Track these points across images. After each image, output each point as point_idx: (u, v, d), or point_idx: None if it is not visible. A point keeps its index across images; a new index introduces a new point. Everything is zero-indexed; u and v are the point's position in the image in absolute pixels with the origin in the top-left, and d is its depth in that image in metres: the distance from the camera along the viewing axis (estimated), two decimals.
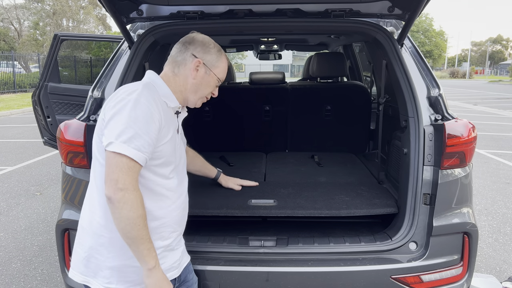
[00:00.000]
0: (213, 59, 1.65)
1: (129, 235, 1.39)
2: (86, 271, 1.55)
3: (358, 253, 2.08)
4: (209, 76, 1.65)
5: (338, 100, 3.70)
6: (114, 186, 1.36)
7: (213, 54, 1.65)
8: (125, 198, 1.36)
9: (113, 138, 1.38)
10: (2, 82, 21.27)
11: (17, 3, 35.42)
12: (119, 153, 1.36)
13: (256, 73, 3.94)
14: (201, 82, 1.64)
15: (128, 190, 1.37)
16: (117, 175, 1.36)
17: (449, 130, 2.02)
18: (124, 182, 1.36)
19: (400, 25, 2.57)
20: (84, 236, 1.56)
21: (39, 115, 4.98)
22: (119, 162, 1.37)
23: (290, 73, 54.53)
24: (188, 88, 1.63)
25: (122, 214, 1.37)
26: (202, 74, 1.63)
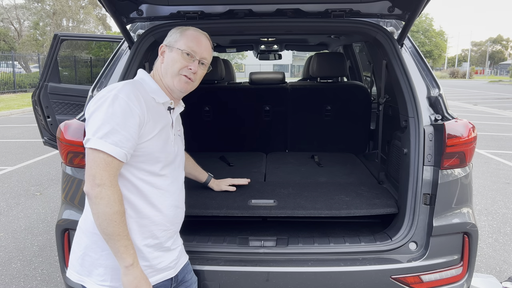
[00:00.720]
0: (174, 38, 1.64)
1: (105, 231, 1.39)
2: (81, 270, 1.55)
3: (358, 253, 2.08)
4: (172, 52, 1.62)
5: (338, 100, 3.70)
6: (91, 181, 1.37)
7: (174, 33, 1.66)
8: (102, 193, 1.36)
9: (90, 134, 1.39)
10: (2, 82, 21.27)
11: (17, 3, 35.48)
12: (95, 149, 1.37)
13: (256, 73, 3.95)
14: (167, 62, 1.62)
15: (105, 185, 1.37)
16: (94, 170, 1.37)
17: (449, 130, 2.02)
18: (101, 178, 1.37)
19: (400, 25, 2.57)
20: (80, 235, 1.58)
21: (39, 115, 4.98)
22: (96, 158, 1.38)
23: (290, 73, 54.54)
24: (162, 74, 1.63)
25: (99, 210, 1.38)
26: (167, 54, 1.63)
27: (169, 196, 1.62)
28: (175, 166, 1.67)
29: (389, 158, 2.86)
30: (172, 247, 1.69)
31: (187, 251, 1.90)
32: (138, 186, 1.52)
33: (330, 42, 5.06)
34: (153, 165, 1.54)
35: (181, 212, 1.74)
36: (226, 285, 2.00)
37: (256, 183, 2.73)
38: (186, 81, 1.62)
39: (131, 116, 1.43)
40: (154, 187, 1.56)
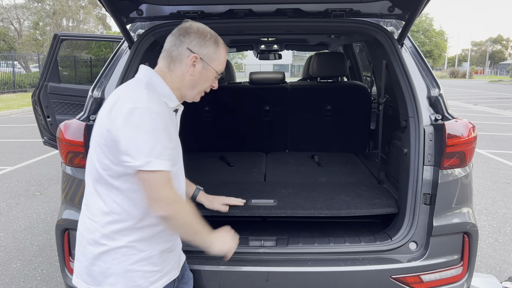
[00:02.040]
0: (210, 52, 1.52)
1: (191, 232, 1.48)
2: (90, 280, 1.49)
3: (358, 253, 2.08)
4: (207, 70, 1.54)
5: (338, 100, 3.70)
6: (164, 204, 1.37)
7: (210, 46, 1.52)
8: (178, 208, 1.40)
9: (145, 156, 1.32)
10: (2, 82, 21.27)
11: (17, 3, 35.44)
12: (157, 170, 1.33)
13: (256, 73, 3.94)
14: (199, 78, 1.53)
15: (175, 201, 1.40)
16: (162, 193, 1.36)
17: (449, 130, 2.02)
18: (170, 197, 1.38)
19: (400, 25, 2.57)
20: (84, 244, 1.51)
21: (39, 115, 4.98)
22: (159, 179, 1.35)
23: (290, 73, 54.52)
24: (186, 84, 1.53)
25: (182, 223, 1.44)
26: (200, 69, 1.52)
27: None
28: (179, 166, 1.64)
29: (389, 158, 2.86)
30: (176, 247, 1.68)
31: (187, 251, 1.89)
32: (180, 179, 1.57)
33: (330, 42, 5.06)
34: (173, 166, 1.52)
35: None
36: (226, 285, 2.00)
37: (256, 183, 2.72)
38: (202, 95, 1.63)
39: (167, 128, 1.41)
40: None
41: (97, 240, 1.47)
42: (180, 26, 1.55)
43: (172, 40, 1.53)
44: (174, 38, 1.53)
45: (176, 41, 1.52)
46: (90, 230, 1.49)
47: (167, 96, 1.50)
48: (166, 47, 1.54)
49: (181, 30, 1.53)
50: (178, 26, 1.56)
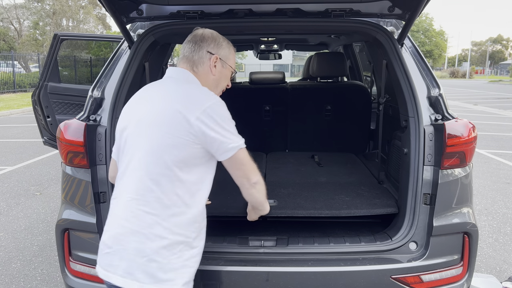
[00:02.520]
0: (226, 52, 1.71)
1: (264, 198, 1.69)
2: (145, 278, 1.47)
3: (358, 253, 2.08)
4: (225, 69, 1.72)
5: (338, 100, 3.70)
6: (256, 171, 1.61)
7: (225, 47, 1.71)
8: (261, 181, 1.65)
9: (236, 138, 1.55)
10: (2, 82, 21.27)
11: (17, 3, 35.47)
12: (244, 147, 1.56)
13: (256, 72, 3.94)
14: (220, 77, 1.71)
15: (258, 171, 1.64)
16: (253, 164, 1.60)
17: (449, 130, 2.02)
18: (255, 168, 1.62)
19: (400, 25, 2.56)
20: (140, 240, 1.48)
21: (39, 115, 4.98)
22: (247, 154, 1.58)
23: (290, 73, 54.52)
24: (210, 84, 1.68)
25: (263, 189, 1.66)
26: (220, 68, 1.69)
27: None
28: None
29: (389, 158, 2.86)
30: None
31: None
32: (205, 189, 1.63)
33: (330, 41, 5.05)
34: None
35: None
36: (226, 285, 2.00)
37: None
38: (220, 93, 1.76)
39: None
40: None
41: (157, 234, 1.48)
42: (193, 34, 1.71)
43: (190, 47, 1.68)
44: (192, 44, 1.68)
45: (194, 47, 1.67)
46: (149, 225, 1.48)
47: None
48: (185, 54, 1.68)
49: (197, 37, 1.69)
50: (191, 34, 1.71)
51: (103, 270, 1.55)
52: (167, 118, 1.49)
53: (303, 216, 2.29)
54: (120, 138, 1.63)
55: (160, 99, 1.56)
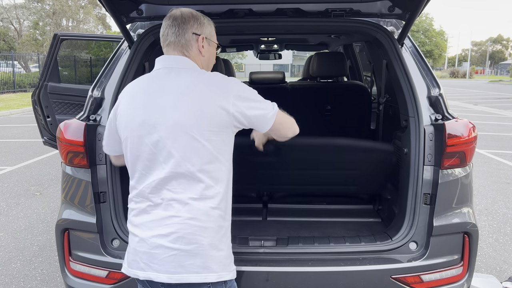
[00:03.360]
0: (209, 30, 1.68)
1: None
2: (218, 268, 1.52)
3: (358, 253, 2.08)
4: (212, 47, 1.70)
5: (338, 100, 3.70)
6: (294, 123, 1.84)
7: (207, 25, 1.68)
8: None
9: (269, 105, 1.63)
10: (2, 82, 21.27)
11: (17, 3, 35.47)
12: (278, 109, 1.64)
13: (256, 72, 3.94)
14: (209, 56, 1.70)
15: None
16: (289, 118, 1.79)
17: (449, 130, 2.01)
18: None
19: (401, 25, 2.56)
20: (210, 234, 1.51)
21: (39, 115, 4.97)
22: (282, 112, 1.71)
23: (290, 73, 54.51)
24: (200, 65, 1.66)
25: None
26: (207, 47, 1.67)
27: None
28: None
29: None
30: None
31: None
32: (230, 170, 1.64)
33: (330, 41, 5.05)
34: None
35: None
36: None
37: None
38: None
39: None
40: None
41: (218, 223, 1.54)
42: (172, 17, 1.62)
43: (174, 31, 1.61)
44: (175, 28, 1.61)
45: (178, 31, 1.60)
46: (215, 218, 1.53)
47: None
48: (171, 40, 1.61)
49: (177, 19, 1.61)
50: (170, 17, 1.63)
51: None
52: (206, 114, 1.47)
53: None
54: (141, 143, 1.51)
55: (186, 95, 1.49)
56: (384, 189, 2.71)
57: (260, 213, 2.75)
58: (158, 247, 1.48)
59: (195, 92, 1.49)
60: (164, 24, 1.63)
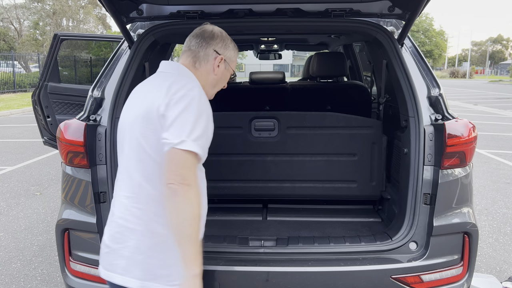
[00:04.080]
0: (231, 54, 1.70)
1: (184, 232, 1.37)
2: (144, 275, 1.46)
3: (358, 253, 2.08)
4: (227, 71, 1.70)
5: (338, 100, 3.69)
6: (180, 180, 1.35)
7: (231, 49, 1.70)
8: (190, 193, 1.36)
9: (184, 136, 1.37)
10: (2, 82, 21.26)
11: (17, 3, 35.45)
12: (189, 150, 1.37)
13: (256, 72, 3.94)
14: (221, 77, 1.68)
15: (192, 186, 1.37)
16: (184, 171, 1.37)
17: (449, 130, 2.02)
18: (191, 179, 1.38)
19: (401, 25, 2.57)
20: (136, 237, 1.48)
21: (39, 115, 4.98)
22: (187, 159, 1.37)
23: (290, 73, 54.51)
24: (209, 83, 1.65)
25: (184, 209, 1.35)
26: (222, 69, 1.67)
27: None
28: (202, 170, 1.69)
29: (389, 158, 2.86)
30: None
31: None
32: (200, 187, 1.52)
33: (330, 41, 5.05)
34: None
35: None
36: (226, 285, 2.00)
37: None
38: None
39: (211, 120, 1.50)
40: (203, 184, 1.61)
41: (153, 230, 1.47)
42: (203, 29, 1.67)
43: (198, 42, 1.64)
44: (200, 40, 1.64)
45: (202, 43, 1.63)
46: (145, 222, 1.48)
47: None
48: (192, 48, 1.64)
49: (206, 33, 1.65)
50: (200, 29, 1.67)
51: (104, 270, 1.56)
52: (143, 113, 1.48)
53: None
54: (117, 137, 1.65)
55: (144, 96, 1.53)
56: (383, 189, 2.71)
57: (260, 213, 2.76)
58: (102, 243, 1.58)
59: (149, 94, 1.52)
60: (193, 32, 1.68)
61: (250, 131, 2.54)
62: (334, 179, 2.68)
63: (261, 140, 2.55)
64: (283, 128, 2.54)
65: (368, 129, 2.54)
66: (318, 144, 2.59)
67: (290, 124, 2.53)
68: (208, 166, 2.55)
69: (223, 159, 2.60)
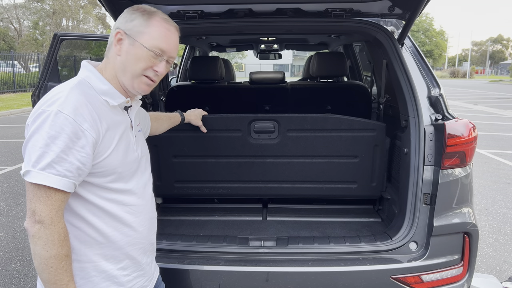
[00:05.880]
0: (136, 25, 1.30)
1: (41, 276, 1.24)
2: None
3: (358, 253, 2.08)
4: (134, 47, 1.29)
5: (338, 100, 3.69)
6: (31, 217, 1.17)
7: (136, 19, 1.31)
8: (40, 233, 1.17)
9: (29, 165, 1.16)
10: (2, 82, 21.26)
11: (17, 3, 35.41)
12: (36, 184, 1.15)
13: (256, 72, 3.94)
14: (127, 57, 1.30)
15: (44, 223, 1.17)
16: (34, 205, 1.17)
17: (449, 130, 2.01)
18: (41, 214, 1.16)
19: (401, 25, 2.56)
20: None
21: None
22: (37, 191, 1.16)
23: (290, 73, 54.53)
24: (117, 69, 1.32)
25: (35, 251, 1.19)
26: (127, 46, 1.30)
27: (142, 210, 1.42)
28: (141, 171, 1.45)
29: (389, 158, 2.85)
30: (148, 260, 1.51)
31: (187, 251, 1.89)
32: (104, 207, 1.30)
33: (330, 41, 5.05)
34: (117, 181, 1.32)
35: (155, 220, 1.55)
36: (226, 285, 2.00)
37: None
38: (148, 83, 1.35)
39: (81, 137, 1.18)
40: (124, 204, 1.35)
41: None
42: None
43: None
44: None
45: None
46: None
47: (107, 94, 1.31)
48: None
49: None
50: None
51: None
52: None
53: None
54: None
55: None
56: (384, 190, 2.71)
57: (260, 213, 2.75)
58: None
59: None
60: None
61: (250, 133, 2.54)
62: (334, 180, 2.67)
63: (260, 142, 2.54)
64: (283, 130, 2.54)
65: (371, 131, 2.53)
66: (319, 147, 2.58)
67: (291, 127, 2.53)
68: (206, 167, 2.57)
69: (222, 161, 2.58)
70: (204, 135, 2.47)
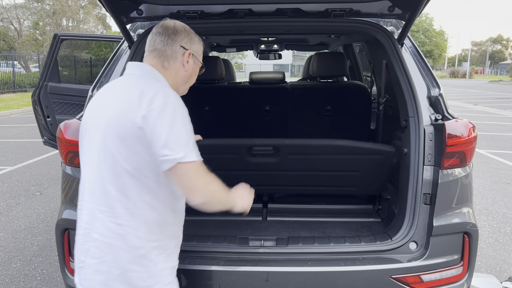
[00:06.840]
0: (197, 47, 1.66)
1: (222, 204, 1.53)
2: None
3: (358, 253, 2.08)
4: (196, 65, 1.67)
5: (338, 100, 3.70)
6: (198, 192, 1.44)
7: (197, 42, 1.66)
8: (210, 194, 1.47)
9: (183, 150, 1.38)
10: (2, 82, 21.27)
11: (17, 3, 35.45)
12: (191, 161, 1.39)
13: (256, 72, 3.94)
14: (191, 73, 1.66)
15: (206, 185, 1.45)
16: (195, 182, 1.42)
17: (449, 130, 2.02)
18: (203, 183, 1.44)
19: (400, 25, 2.57)
20: (114, 252, 1.44)
21: (39, 115, 4.98)
22: (193, 169, 1.41)
23: (290, 73, 54.53)
24: (180, 80, 1.63)
25: (217, 201, 1.51)
26: (192, 64, 1.64)
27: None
28: None
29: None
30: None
31: (187, 251, 1.89)
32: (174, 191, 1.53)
33: (330, 41, 5.05)
34: None
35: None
36: (226, 285, 2.00)
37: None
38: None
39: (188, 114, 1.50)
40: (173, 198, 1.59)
41: (133, 244, 1.44)
42: (164, 26, 1.60)
43: (163, 40, 1.58)
44: (165, 37, 1.58)
45: (168, 40, 1.58)
46: (123, 236, 1.44)
47: None
48: (157, 47, 1.57)
49: (169, 29, 1.59)
50: (162, 26, 1.60)
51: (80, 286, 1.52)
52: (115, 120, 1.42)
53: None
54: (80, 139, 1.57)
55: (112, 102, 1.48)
56: (384, 190, 2.72)
57: (260, 213, 2.76)
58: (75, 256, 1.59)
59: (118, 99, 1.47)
60: (154, 31, 1.60)
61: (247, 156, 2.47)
62: (334, 186, 2.67)
63: (259, 161, 2.49)
64: (284, 154, 2.47)
65: (377, 155, 2.48)
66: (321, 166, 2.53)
67: (292, 151, 2.47)
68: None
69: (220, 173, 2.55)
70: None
